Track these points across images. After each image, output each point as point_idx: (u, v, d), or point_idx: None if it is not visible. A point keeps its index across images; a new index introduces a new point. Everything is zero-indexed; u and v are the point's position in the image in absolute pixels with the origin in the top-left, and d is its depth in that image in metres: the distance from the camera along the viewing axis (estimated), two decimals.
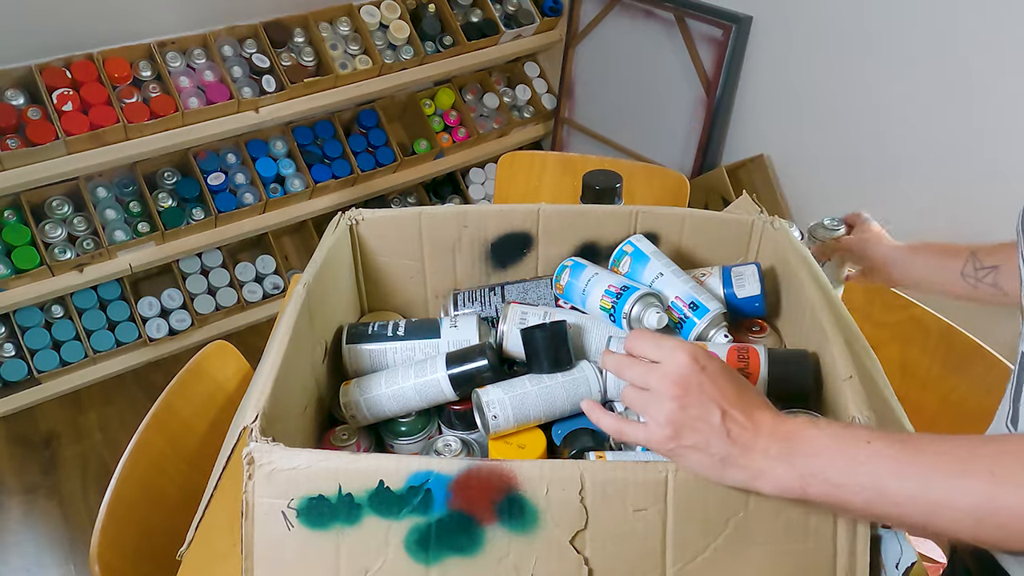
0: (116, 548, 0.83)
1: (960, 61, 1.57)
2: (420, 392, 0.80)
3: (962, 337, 1.10)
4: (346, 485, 0.58)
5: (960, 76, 1.58)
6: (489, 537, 0.59)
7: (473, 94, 2.51)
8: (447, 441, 0.79)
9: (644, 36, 2.23)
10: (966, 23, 1.54)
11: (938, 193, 1.68)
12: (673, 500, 0.59)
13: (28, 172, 1.75)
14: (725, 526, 0.59)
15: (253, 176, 2.11)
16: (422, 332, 0.87)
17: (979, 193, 1.61)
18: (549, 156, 1.67)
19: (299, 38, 2.12)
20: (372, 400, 0.80)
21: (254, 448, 0.58)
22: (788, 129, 1.95)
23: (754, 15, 1.92)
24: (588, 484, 0.58)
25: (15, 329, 1.89)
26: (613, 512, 0.59)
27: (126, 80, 1.87)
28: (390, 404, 0.80)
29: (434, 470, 0.59)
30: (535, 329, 0.80)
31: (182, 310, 2.09)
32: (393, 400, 0.80)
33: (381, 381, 0.81)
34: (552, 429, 0.80)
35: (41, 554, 1.69)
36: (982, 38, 1.53)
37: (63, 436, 1.94)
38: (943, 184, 1.67)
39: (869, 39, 1.72)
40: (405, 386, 0.80)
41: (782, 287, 0.92)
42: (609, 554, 0.59)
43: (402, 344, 0.86)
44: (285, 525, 0.59)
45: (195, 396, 1.03)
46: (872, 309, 1.18)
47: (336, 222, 0.93)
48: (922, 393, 1.14)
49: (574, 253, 0.97)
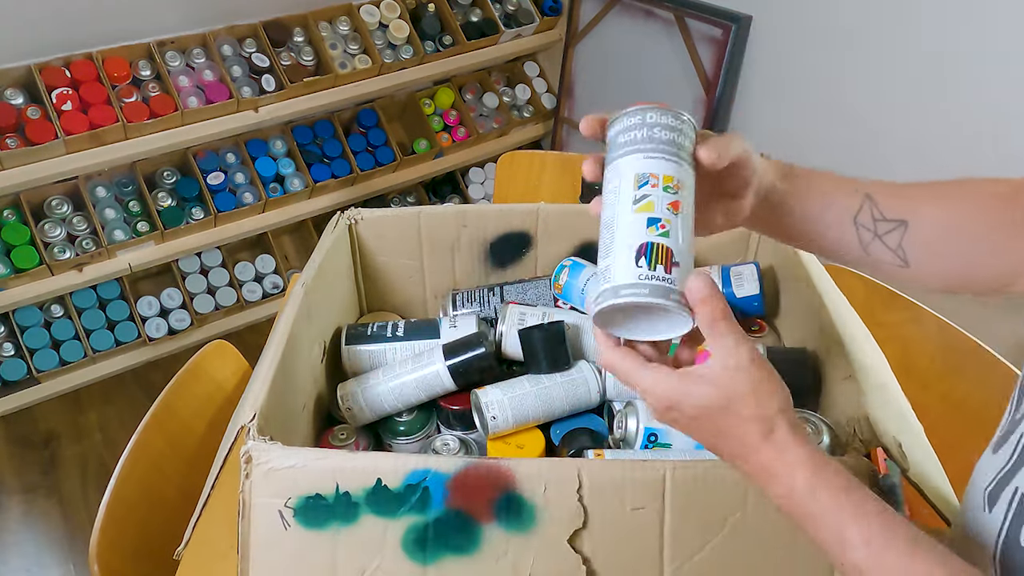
0: (115, 548, 0.83)
1: (961, 61, 1.57)
2: (419, 384, 0.80)
3: (962, 337, 1.10)
4: (344, 484, 0.58)
5: (961, 75, 1.58)
6: (487, 536, 0.59)
7: (473, 94, 2.51)
8: (445, 440, 0.79)
9: (644, 36, 2.23)
10: (967, 23, 1.54)
11: None
12: (671, 499, 0.59)
13: (27, 172, 1.74)
14: (723, 525, 0.59)
15: (252, 175, 2.10)
16: (421, 332, 0.87)
17: None
18: (549, 156, 1.66)
19: (299, 37, 2.12)
20: (370, 394, 0.80)
21: (252, 447, 0.58)
22: (788, 129, 1.95)
23: (754, 15, 1.92)
24: (586, 483, 0.58)
25: (14, 329, 1.89)
26: (611, 511, 0.59)
27: (125, 79, 1.87)
28: (388, 397, 0.80)
29: (432, 469, 0.59)
30: (533, 330, 0.80)
31: (181, 309, 2.09)
32: (391, 394, 0.80)
33: (379, 375, 0.81)
34: (551, 429, 0.80)
35: (41, 554, 1.69)
36: (983, 38, 1.52)
37: (62, 436, 1.94)
38: None
39: (869, 39, 1.72)
40: (403, 379, 0.80)
41: (781, 286, 0.92)
42: (607, 553, 0.59)
43: (401, 344, 0.86)
44: (282, 524, 0.59)
45: (194, 396, 1.03)
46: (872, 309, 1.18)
47: (335, 222, 0.93)
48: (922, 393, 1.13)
49: (573, 253, 0.97)
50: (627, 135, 0.55)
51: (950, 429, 1.05)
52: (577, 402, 0.79)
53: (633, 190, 0.53)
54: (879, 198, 0.59)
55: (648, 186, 0.52)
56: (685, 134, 0.55)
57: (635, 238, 0.51)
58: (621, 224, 0.52)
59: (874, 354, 0.76)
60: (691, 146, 0.55)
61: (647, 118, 0.55)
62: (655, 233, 0.51)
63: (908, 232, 0.58)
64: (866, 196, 0.59)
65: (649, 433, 0.73)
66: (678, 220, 0.52)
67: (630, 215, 0.52)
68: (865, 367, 0.70)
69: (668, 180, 0.53)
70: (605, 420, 0.81)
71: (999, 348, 1.05)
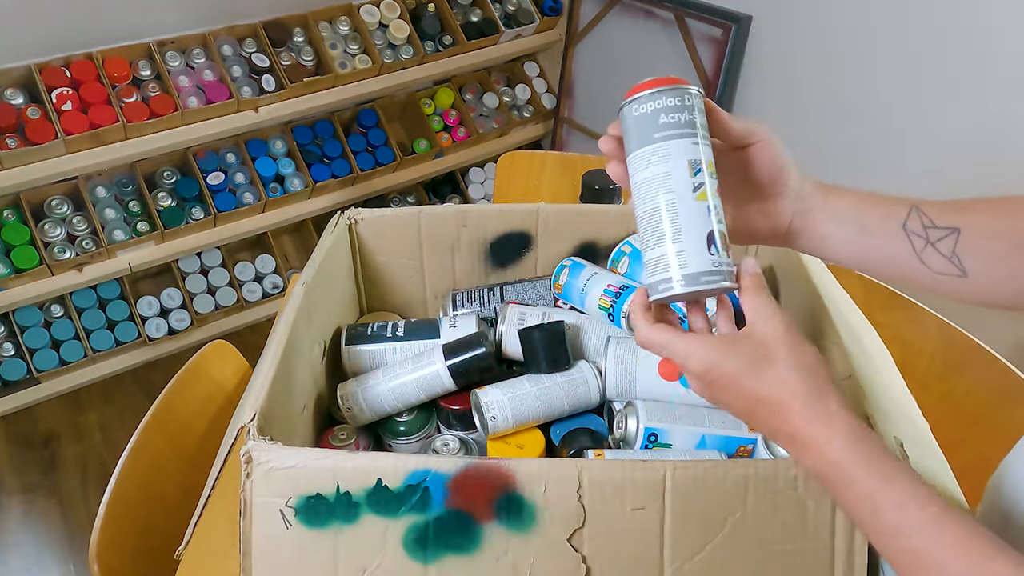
0: (115, 548, 0.83)
1: (963, 59, 1.57)
2: (419, 384, 0.80)
3: (962, 337, 1.10)
4: (344, 484, 0.58)
5: (963, 74, 1.58)
6: (487, 536, 0.59)
7: (473, 94, 2.51)
8: (445, 440, 0.79)
9: (644, 36, 2.23)
10: (969, 21, 1.54)
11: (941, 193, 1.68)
12: (671, 499, 0.59)
13: (27, 171, 1.75)
14: (723, 525, 0.59)
15: (252, 175, 2.11)
16: (421, 332, 0.87)
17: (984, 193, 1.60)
18: (549, 156, 1.67)
19: (299, 37, 2.12)
20: (370, 394, 0.80)
21: (252, 447, 0.58)
22: (788, 129, 1.94)
23: (754, 15, 1.92)
24: (586, 483, 0.58)
25: (14, 328, 1.89)
26: (611, 511, 0.59)
27: (125, 79, 1.87)
28: (388, 397, 0.80)
29: (432, 469, 0.59)
30: (533, 330, 0.81)
31: (181, 309, 2.09)
32: (391, 394, 0.80)
33: (379, 375, 0.81)
34: (551, 429, 0.80)
35: (41, 554, 1.69)
36: (986, 36, 1.52)
37: (62, 436, 1.94)
38: (946, 183, 1.67)
39: (869, 38, 1.72)
40: (403, 379, 0.80)
41: (781, 286, 0.92)
42: (607, 553, 0.59)
43: (401, 345, 0.86)
44: (283, 524, 0.59)
45: (194, 396, 1.03)
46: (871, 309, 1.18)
47: (335, 221, 0.93)
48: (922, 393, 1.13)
49: (573, 253, 0.97)
50: (669, 117, 0.55)
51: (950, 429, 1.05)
52: (577, 402, 0.79)
53: (690, 178, 0.55)
54: (926, 208, 0.57)
55: (701, 173, 0.55)
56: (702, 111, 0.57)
57: (703, 226, 0.54)
58: (684, 212, 0.54)
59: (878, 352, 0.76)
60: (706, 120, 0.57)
61: (687, 99, 0.56)
62: (716, 220, 0.54)
63: (961, 239, 0.55)
64: (912, 206, 0.57)
65: (649, 433, 0.73)
66: (721, 203, 0.55)
67: (691, 203, 0.54)
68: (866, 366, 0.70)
69: (711, 166, 0.55)
70: (605, 420, 0.81)
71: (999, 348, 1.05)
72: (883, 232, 0.57)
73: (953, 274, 0.55)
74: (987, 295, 0.56)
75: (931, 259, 0.56)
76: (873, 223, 0.57)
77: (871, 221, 0.57)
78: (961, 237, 0.55)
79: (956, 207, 0.57)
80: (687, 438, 0.73)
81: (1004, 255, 0.54)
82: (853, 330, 0.75)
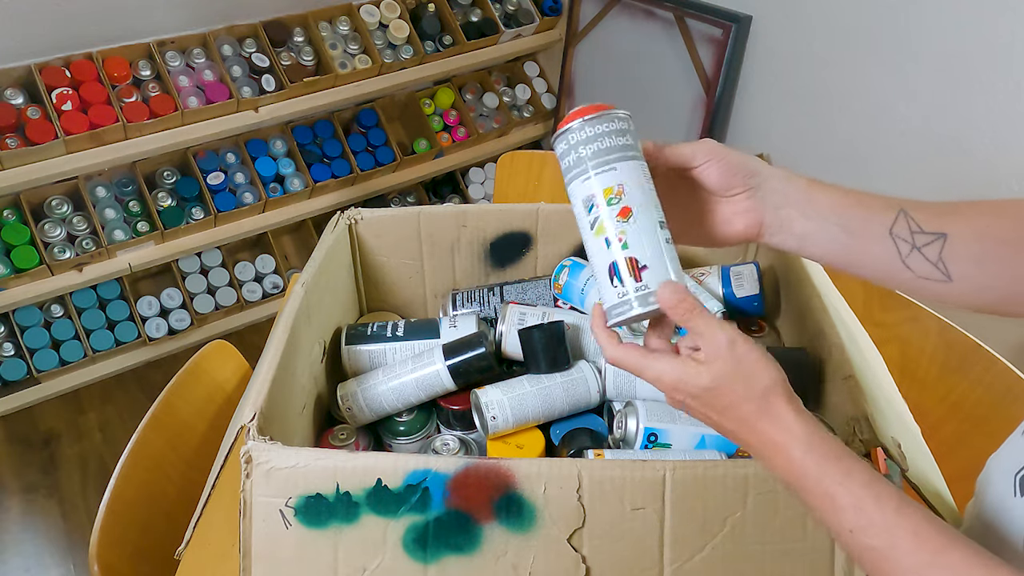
0: (115, 547, 0.83)
1: (961, 59, 1.57)
2: (419, 384, 0.80)
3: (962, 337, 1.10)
4: (344, 484, 0.58)
5: (961, 74, 1.58)
6: (487, 535, 0.59)
7: (473, 94, 2.51)
8: (445, 440, 0.79)
9: (644, 36, 2.23)
10: (967, 21, 1.54)
11: (940, 193, 1.68)
12: (671, 499, 0.59)
13: (27, 171, 1.75)
14: (723, 525, 0.59)
15: (252, 175, 2.11)
16: (421, 332, 0.87)
17: (982, 193, 1.60)
18: (549, 155, 1.66)
19: (298, 37, 2.12)
20: (370, 394, 0.80)
21: (252, 447, 0.58)
22: (788, 129, 1.95)
23: (754, 15, 1.92)
24: (586, 482, 0.58)
25: (14, 328, 1.89)
26: (611, 510, 0.59)
27: (125, 79, 1.87)
28: (388, 397, 0.80)
29: (432, 469, 0.59)
30: (533, 330, 0.81)
31: (181, 309, 2.09)
32: (391, 394, 0.80)
33: (379, 375, 0.81)
34: (551, 429, 0.80)
35: (41, 554, 1.69)
36: (984, 36, 1.52)
37: (62, 436, 1.94)
38: (945, 183, 1.67)
39: (869, 38, 1.72)
40: (403, 379, 0.80)
41: (781, 286, 0.92)
42: (607, 552, 0.59)
43: (401, 345, 0.86)
44: (283, 524, 0.59)
45: (194, 395, 1.03)
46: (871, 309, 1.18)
47: (335, 221, 0.93)
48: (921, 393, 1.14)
49: (573, 253, 0.97)
50: (563, 162, 0.57)
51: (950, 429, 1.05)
52: (577, 402, 0.79)
53: (586, 216, 0.56)
54: (913, 212, 0.56)
55: (595, 208, 0.55)
56: (609, 129, 0.56)
57: (603, 261, 0.55)
58: (590, 251, 0.56)
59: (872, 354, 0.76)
60: (622, 126, 0.56)
61: (569, 138, 0.56)
62: (618, 248, 0.54)
63: (948, 244, 0.55)
64: (901, 210, 0.56)
65: (649, 433, 0.73)
66: (631, 224, 0.54)
67: (592, 240, 0.56)
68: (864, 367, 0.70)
69: (608, 192, 0.55)
70: (605, 420, 0.81)
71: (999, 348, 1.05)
72: (867, 234, 0.57)
73: (937, 279, 0.55)
74: (969, 299, 0.56)
75: (916, 264, 0.56)
76: (856, 224, 0.57)
77: (854, 222, 0.57)
78: (947, 242, 0.55)
79: (943, 210, 0.56)
80: (687, 438, 0.73)
81: (988, 260, 0.54)
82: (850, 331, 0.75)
